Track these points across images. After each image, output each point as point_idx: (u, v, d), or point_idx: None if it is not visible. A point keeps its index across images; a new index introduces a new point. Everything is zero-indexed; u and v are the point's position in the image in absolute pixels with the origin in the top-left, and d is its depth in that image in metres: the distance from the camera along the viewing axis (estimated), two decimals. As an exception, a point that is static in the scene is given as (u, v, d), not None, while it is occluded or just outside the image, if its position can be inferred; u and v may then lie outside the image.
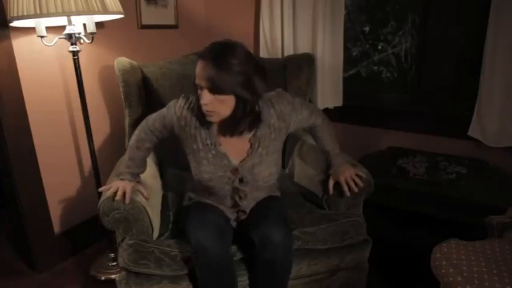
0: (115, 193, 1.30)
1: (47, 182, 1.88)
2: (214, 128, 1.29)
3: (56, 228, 1.97)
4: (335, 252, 1.44)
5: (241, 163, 1.31)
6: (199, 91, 1.16)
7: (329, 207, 1.55)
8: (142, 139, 1.40)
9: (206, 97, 1.13)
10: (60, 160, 1.93)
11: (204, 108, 1.16)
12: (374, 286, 1.68)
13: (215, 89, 1.12)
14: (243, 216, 1.41)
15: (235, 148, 1.31)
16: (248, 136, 1.29)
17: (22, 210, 1.80)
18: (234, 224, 1.42)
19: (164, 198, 1.60)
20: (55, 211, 1.95)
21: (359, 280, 1.55)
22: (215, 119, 1.20)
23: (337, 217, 1.46)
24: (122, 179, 1.35)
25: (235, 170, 1.31)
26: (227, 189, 1.34)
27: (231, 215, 1.41)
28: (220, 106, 1.15)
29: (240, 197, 1.37)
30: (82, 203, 2.05)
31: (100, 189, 1.38)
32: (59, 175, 1.93)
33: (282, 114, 1.31)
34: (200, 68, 1.13)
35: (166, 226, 1.46)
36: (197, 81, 1.14)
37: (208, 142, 1.29)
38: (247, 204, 1.40)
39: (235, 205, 1.39)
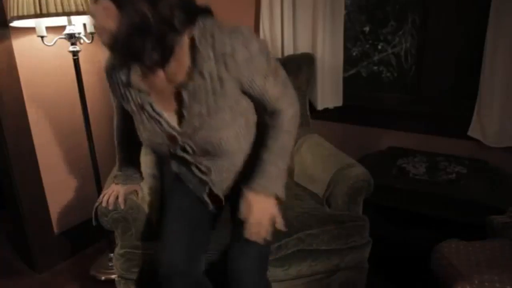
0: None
1: (47, 182, 1.88)
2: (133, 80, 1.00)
3: (56, 228, 1.97)
4: (336, 252, 1.44)
5: (179, 127, 1.03)
6: None
7: (329, 206, 1.55)
8: (117, 127, 1.27)
9: (91, 7, 0.86)
10: (60, 160, 1.93)
11: (93, 24, 0.88)
12: (374, 286, 1.68)
13: None
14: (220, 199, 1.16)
15: (169, 106, 1.02)
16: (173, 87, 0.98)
17: (22, 210, 1.80)
18: (213, 209, 1.20)
19: (162, 197, 1.60)
20: (55, 211, 1.95)
21: (359, 280, 1.55)
22: (104, 38, 0.87)
23: (343, 218, 1.45)
24: (116, 183, 1.31)
25: (172, 138, 1.03)
26: (178, 162, 1.11)
27: (206, 197, 1.16)
28: (104, 17, 0.84)
29: (202, 171, 1.10)
30: (82, 203, 2.05)
31: (99, 201, 1.31)
32: (59, 175, 1.93)
33: (225, 59, 0.93)
34: None
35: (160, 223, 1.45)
36: None
37: (139, 100, 1.02)
38: (218, 183, 1.13)
39: (202, 181, 1.13)
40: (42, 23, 1.53)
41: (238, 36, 0.93)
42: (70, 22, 1.59)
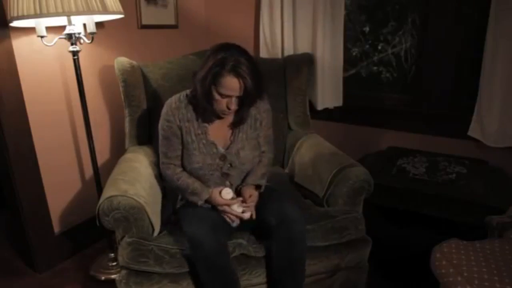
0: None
1: (47, 182, 1.88)
2: (201, 120, 1.43)
3: (56, 228, 1.97)
4: (335, 250, 1.44)
5: (227, 150, 1.43)
6: (219, 97, 1.31)
7: (329, 206, 1.55)
8: (180, 177, 1.43)
9: (235, 104, 1.33)
10: (60, 160, 1.93)
11: (228, 112, 1.35)
12: (374, 286, 1.68)
13: (243, 98, 1.33)
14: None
15: (220, 136, 1.44)
16: (228, 123, 1.45)
17: (22, 210, 1.80)
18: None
19: (164, 197, 1.60)
20: (55, 211, 1.95)
21: (359, 280, 1.55)
22: (230, 115, 1.41)
23: (336, 213, 1.46)
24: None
25: (223, 157, 1.42)
26: (216, 176, 1.43)
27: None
28: (238, 105, 1.36)
29: (231, 184, 1.45)
30: (82, 203, 2.05)
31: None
32: (59, 175, 1.93)
33: (259, 107, 1.47)
34: (234, 83, 1.27)
35: (165, 226, 1.46)
36: (229, 93, 1.29)
37: (199, 131, 1.42)
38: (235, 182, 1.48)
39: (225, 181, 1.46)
40: (42, 23, 1.52)
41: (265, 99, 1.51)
42: (70, 22, 1.58)
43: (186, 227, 1.31)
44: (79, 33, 1.63)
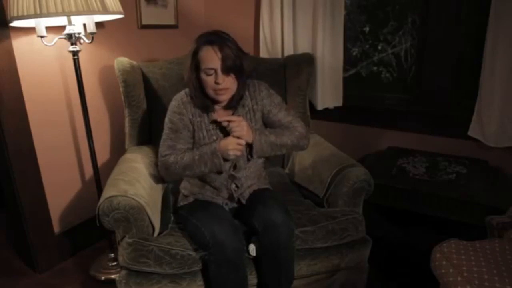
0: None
1: (47, 182, 1.88)
2: (212, 116, 1.42)
3: (56, 228, 1.97)
4: (335, 251, 1.44)
5: None
6: (206, 76, 1.32)
7: (329, 206, 1.55)
8: (180, 158, 1.39)
9: (221, 77, 1.30)
10: (60, 160, 1.93)
11: (219, 87, 1.31)
12: (374, 286, 1.68)
13: (227, 68, 1.29)
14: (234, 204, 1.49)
15: (225, 134, 1.41)
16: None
17: (22, 210, 1.80)
18: (230, 205, 1.49)
19: (164, 197, 1.60)
20: (55, 211, 1.95)
21: (359, 280, 1.55)
22: (226, 96, 1.36)
23: (336, 214, 1.46)
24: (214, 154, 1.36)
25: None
26: (223, 177, 1.43)
27: (227, 207, 1.48)
28: (231, 83, 1.33)
29: (237, 186, 1.45)
30: (82, 203, 2.05)
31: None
32: (59, 175, 1.93)
33: (255, 95, 1.45)
34: (211, 53, 1.29)
35: (165, 226, 1.46)
36: (211, 65, 1.29)
37: (210, 127, 1.42)
38: (241, 193, 1.47)
39: (230, 197, 1.46)
40: (42, 23, 1.52)
41: (262, 85, 1.49)
42: (70, 22, 1.58)
43: (204, 227, 1.29)
44: (79, 33, 1.63)
